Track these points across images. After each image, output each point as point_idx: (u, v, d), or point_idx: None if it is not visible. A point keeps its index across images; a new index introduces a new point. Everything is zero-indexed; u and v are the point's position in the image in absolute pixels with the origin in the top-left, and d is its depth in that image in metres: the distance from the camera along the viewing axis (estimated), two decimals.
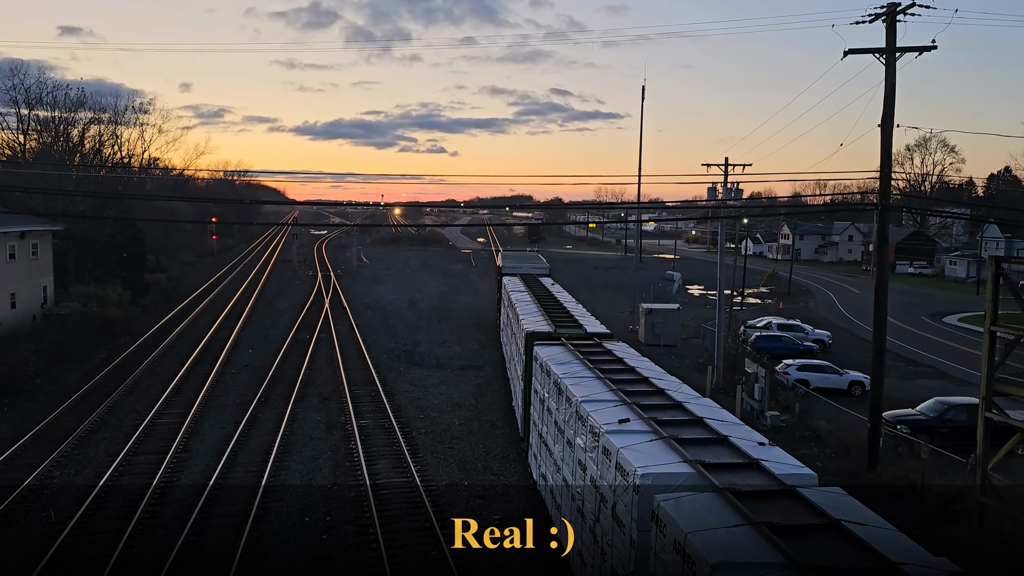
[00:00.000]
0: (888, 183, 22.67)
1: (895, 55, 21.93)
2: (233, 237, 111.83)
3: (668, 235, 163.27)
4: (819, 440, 26.98)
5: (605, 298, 64.22)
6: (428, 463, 23.65)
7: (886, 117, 22.18)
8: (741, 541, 8.78)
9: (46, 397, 29.51)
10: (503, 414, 29.12)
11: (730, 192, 37.19)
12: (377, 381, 33.18)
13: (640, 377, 17.78)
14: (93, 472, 22.03)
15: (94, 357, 36.42)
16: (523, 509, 20.23)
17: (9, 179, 52.27)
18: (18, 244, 43.08)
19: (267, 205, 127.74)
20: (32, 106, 57.77)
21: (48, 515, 19.12)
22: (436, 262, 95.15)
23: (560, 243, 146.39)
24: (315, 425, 27.11)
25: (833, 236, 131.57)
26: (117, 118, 63.09)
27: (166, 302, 53.67)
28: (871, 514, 9.95)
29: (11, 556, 16.99)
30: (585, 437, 14.63)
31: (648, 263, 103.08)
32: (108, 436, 25.33)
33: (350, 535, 18.52)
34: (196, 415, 27.63)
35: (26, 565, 16.43)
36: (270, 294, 60.87)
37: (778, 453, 12.44)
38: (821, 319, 60.52)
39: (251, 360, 37.22)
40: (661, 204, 79.16)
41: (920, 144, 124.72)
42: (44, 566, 16.22)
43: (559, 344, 22.06)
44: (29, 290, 44.16)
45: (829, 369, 36.81)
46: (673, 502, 10.03)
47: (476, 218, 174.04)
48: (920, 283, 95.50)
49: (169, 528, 18.50)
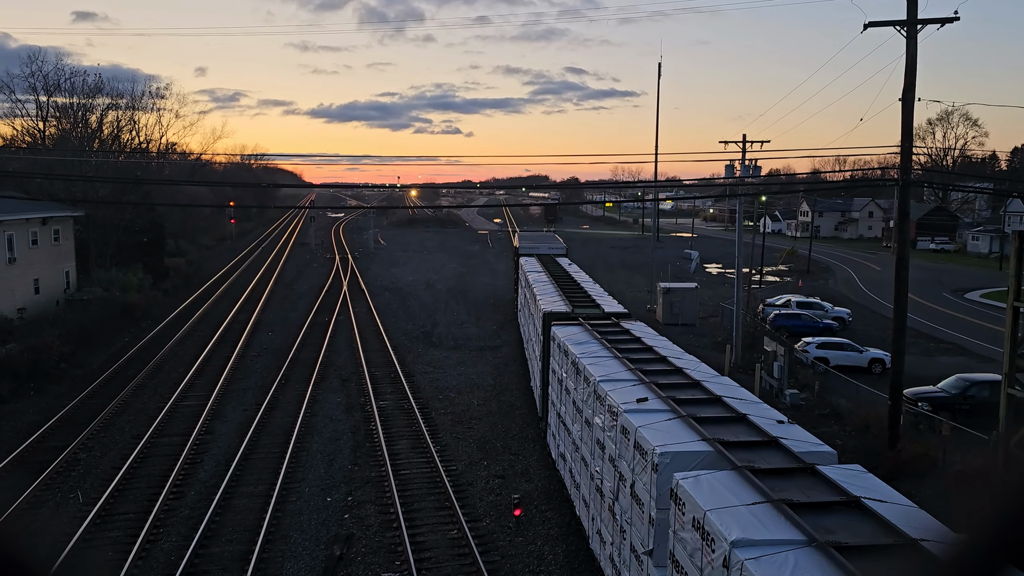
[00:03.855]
0: (909, 158, 22.37)
1: (916, 27, 21.57)
2: (251, 221, 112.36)
3: (685, 214, 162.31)
4: (839, 418, 26.87)
5: (622, 278, 64.07)
6: (447, 443, 23.81)
7: (907, 91, 21.84)
8: (760, 518, 8.79)
9: (71, 381, 29.93)
10: (521, 394, 29.22)
11: (748, 169, 36.85)
12: (396, 362, 33.37)
13: (658, 356, 17.77)
14: (118, 454, 22.38)
15: (117, 341, 36.85)
16: (542, 488, 20.36)
17: (30, 166, 52.76)
18: (40, 230, 43.56)
19: (284, 188, 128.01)
20: (50, 93, 58.16)
21: (76, 496, 19.46)
22: (453, 243, 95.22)
23: (577, 223, 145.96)
24: (335, 406, 27.34)
25: (853, 212, 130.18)
26: (134, 103, 63.48)
27: (186, 286, 54.13)
28: (891, 491, 9.93)
29: (40, 536, 17.33)
30: (603, 416, 14.66)
31: (665, 242, 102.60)
32: (132, 419, 25.69)
33: (371, 514, 18.72)
34: (218, 397, 27.94)
35: (56, 545, 16.76)
36: (289, 277, 61.22)
37: (797, 431, 12.42)
38: (841, 296, 60.06)
39: (271, 343, 37.53)
40: (678, 182, 78.56)
41: (942, 118, 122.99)
42: (73, 546, 16.53)
43: (577, 324, 22.06)
44: (52, 276, 44.70)
45: (849, 347, 36.55)
46: (692, 480, 10.05)
47: (492, 199, 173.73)
48: (942, 259, 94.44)
49: (193, 508, 18.79)
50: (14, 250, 40.79)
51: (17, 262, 40.89)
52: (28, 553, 1.43)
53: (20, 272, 41.04)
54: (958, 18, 21.51)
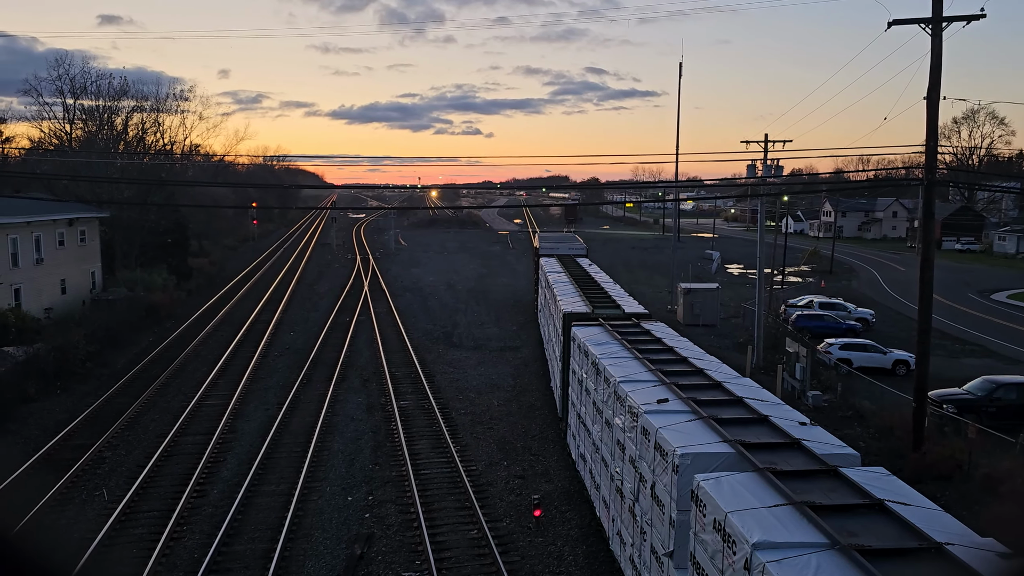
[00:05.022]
0: (934, 157, 22.10)
1: (942, 24, 21.31)
2: (273, 221, 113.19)
3: (707, 214, 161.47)
4: (862, 420, 26.62)
5: (643, 278, 63.86)
6: (468, 443, 23.85)
7: (932, 89, 21.59)
8: (782, 521, 8.73)
9: (96, 380, 30.31)
10: (541, 395, 29.21)
11: (770, 169, 36.60)
12: (416, 363, 33.48)
13: (679, 357, 17.69)
14: (143, 453, 22.63)
15: (141, 340, 37.27)
16: (562, 489, 20.35)
17: (57, 167, 53.51)
18: (67, 231, 44.18)
19: (306, 189, 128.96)
20: (77, 95, 58.97)
21: (101, 494, 19.71)
22: (473, 244, 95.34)
23: (597, 223, 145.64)
24: (356, 406, 27.47)
25: (877, 212, 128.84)
26: (159, 106, 64.16)
27: (209, 286, 54.62)
28: (916, 494, 9.82)
29: (66, 533, 17.58)
30: (624, 417, 14.63)
31: (686, 242, 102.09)
32: (156, 418, 25.97)
33: (392, 514, 18.80)
34: (241, 397, 28.18)
35: (81, 542, 16.99)
36: (310, 277, 61.60)
37: (820, 433, 12.32)
38: (864, 297, 59.49)
39: (293, 343, 37.79)
40: (699, 182, 78.19)
41: (968, 116, 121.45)
42: (98, 543, 16.75)
43: (597, 325, 22.02)
44: (78, 276, 45.32)
45: (873, 348, 36.20)
46: (713, 482, 10.00)
47: (512, 199, 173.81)
48: (968, 259, 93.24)
49: (217, 507, 18.96)
50: (41, 251, 41.39)
51: (44, 262, 41.49)
52: (48, 555, 1.46)
53: (47, 272, 41.64)
54: (984, 15, 21.23)
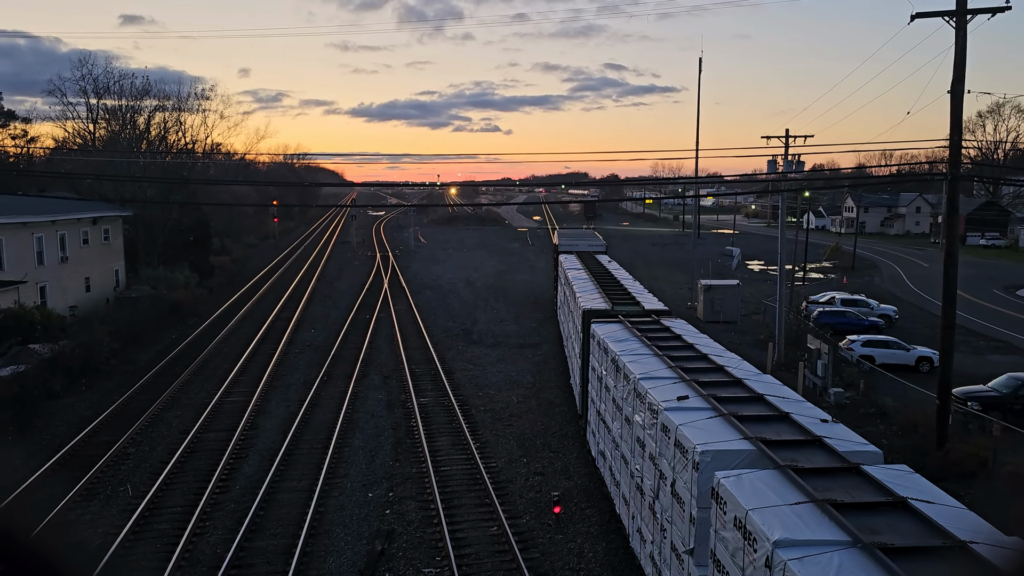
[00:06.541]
0: (958, 151, 21.84)
1: (966, 17, 21.04)
2: (293, 219, 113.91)
3: (727, 210, 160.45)
4: (885, 417, 26.38)
5: (663, 275, 63.61)
6: (487, 440, 23.89)
7: (956, 83, 21.33)
8: (803, 518, 8.68)
9: (120, 377, 30.66)
10: (561, 392, 29.20)
11: (791, 165, 36.31)
12: (436, 359, 33.58)
13: (699, 354, 17.62)
14: (166, 449, 22.88)
15: (164, 338, 37.65)
16: (582, 486, 20.34)
17: (81, 167, 54.14)
18: (91, 230, 44.70)
19: (326, 187, 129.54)
20: (100, 95, 59.66)
21: (125, 490, 19.95)
22: (492, 241, 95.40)
23: (616, 220, 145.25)
24: (376, 403, 27.60)
25: (900, 208, 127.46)
26: (180, 105, 64.73)
27: (231, 284, 55.07)
28: (939, 492, 9.72)
29: (91, 528, 17.81)
30: (643, 414, 14.59)
31: (707, 239, 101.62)
32: (179, 414, 26.24)
33: (412, 510, 18.88)
34: (262, 393, 28.40)
35: (106, 537, 17.21)
36: (330, 275, 61.92)
37: (842, 430, 12.22)
38: (887, 293, 58.90)
39: (313, 340, 38.02)
40: (719, 178, 77.79)
41: (992, 110, 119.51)
42: (122, 538, 16.95)
43: (616, 322, 21.97)
44: (102, 274, 45.86)
45: (895, 345, 35.84)
46: (733, 479, 9.96)
47: (532, 196, 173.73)
48: (992, 255, 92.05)
49: (239, 502, 19.13)
50: (66, 249, 41.92)
51: (69, 261, 42.02)
52: (66, 558, 1.48)
53: (72, 270, 42.17)
54: (1010, 7, 20.94)
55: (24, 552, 1.52)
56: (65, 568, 1.52)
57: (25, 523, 1.59)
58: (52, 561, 1.52)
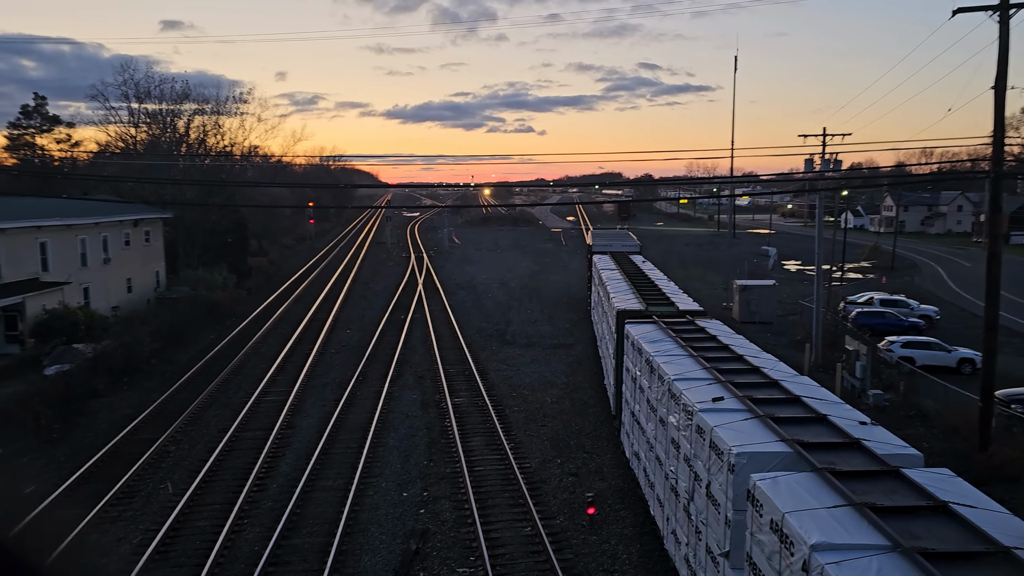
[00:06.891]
0: (1001, 149, 21.39)
1: (1010, 11, 20.59)
2: (329, 221, 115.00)
3: (763, 209, 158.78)
4: (926, 420, 25.90)
5: (697, 275, 63.12)
6: (521, 440, 23.92)
7: (999, 78, 20.89)
8: (842, 522, 8.57)
9: (161, 376, 31.23)
10: (595, 392, 29.13)
11: (828, 163, 35.83)
12: (470, 360, 33.69)
13: (734, 355, 17.47)
14: (205, 447, 23.26)
15: (203, 338, 38.26)
16: (616, 487, 20.27)
17: (123, 170, 55.23)
18: (132, 232, 45.62)
19: (361, 189, 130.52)
20: (141, 100, 60.84)
21: (166, 487, 20.32)
22: (526, 241, 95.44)
23: (651, 220, 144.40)
24: (411, 403, 27.78)
25: (941, 207, 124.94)
26: (219, 108, 65.74)
27: (268, 285, 55.79)
28: (982, 496, 9.53)
29: (133, 524, 18.18)
30: (678, 415, 14.51)
31: (742, 239, 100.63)
32: (218, 413, 26.65)
33: (446, 510, 18.97)
34: (299, 393, 28.74)
35: (147, 534, 17.55)
36: (365, 276, 62.43)
37: (881, 433, 12.04)
38: (928, 294, 57.79)
39: (349, 340, 38.37)
40: (755, 178, 76.96)
41: None
42: (163, 535, 17.27)
43: (651, 322, 21.87)
44: (143, 275, 46.77)
45: (936, 346, 35.17)
46: (770, 482, 9.86)
47: (565, 197, 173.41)
48: None
49: (276, 500, 19.39)
50: (108, 251, 42.82)
51: (111, 262, 42.92)
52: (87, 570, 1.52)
53: (114, 272, 43.07)
54: None
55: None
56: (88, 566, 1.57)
57: (56, 528, 1.63)
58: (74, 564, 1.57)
